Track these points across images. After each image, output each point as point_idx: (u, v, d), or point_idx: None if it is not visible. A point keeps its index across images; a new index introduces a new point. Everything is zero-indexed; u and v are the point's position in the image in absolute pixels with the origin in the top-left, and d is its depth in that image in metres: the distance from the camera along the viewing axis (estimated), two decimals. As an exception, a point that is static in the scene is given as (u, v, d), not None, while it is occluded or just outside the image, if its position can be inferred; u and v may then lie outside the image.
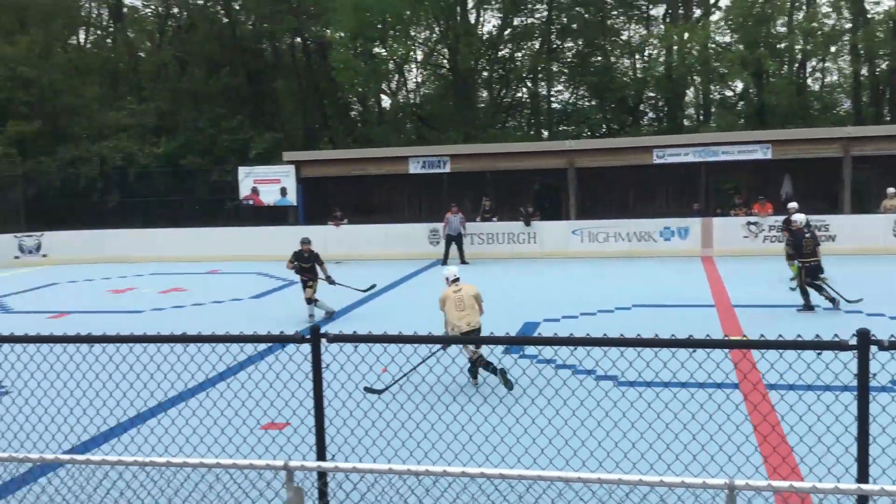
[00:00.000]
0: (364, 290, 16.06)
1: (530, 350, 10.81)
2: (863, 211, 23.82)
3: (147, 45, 44.63)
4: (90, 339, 5.17)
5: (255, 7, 39.29)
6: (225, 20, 38.96)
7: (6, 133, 33.89)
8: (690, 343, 4.63)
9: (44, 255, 26.89)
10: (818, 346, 4.54)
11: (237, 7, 39.92)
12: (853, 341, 4.44)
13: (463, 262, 22.43)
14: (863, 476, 4.62)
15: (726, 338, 10.71)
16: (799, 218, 14.99)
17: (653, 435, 6.05)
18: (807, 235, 14.22)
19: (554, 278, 19.34)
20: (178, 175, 32.91)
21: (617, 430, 6.23)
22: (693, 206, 26.13)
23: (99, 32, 47.38)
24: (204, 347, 5.49)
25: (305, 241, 15.00)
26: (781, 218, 22.46)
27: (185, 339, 5.19)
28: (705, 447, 5.69)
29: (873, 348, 4.42)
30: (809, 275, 13.87)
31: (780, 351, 4.98)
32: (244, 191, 27.50)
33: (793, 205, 17.59)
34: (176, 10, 43.10)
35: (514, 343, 4.77)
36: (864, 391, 4.55)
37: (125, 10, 44.69)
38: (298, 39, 40.30)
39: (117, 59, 43.28)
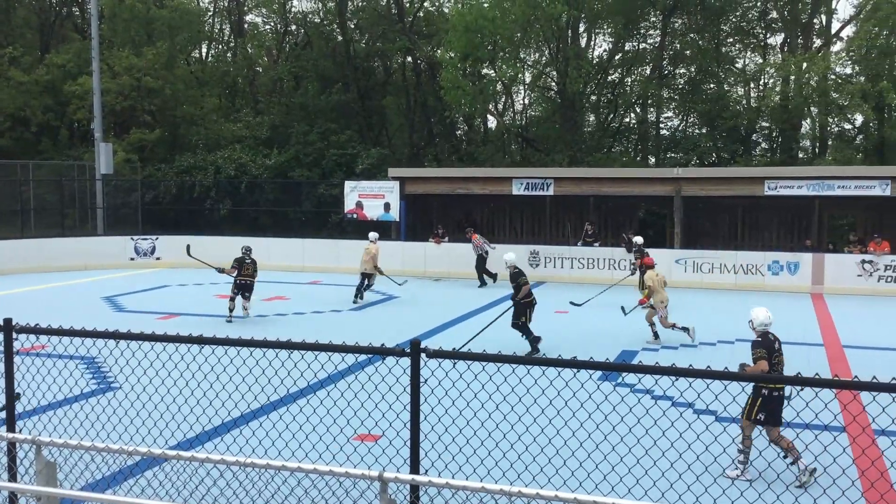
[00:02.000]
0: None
1: (629, 378, 10.63)
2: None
3: (264, 61, 46.34)
4: (198, 341, 5.38)
5: (369, 26, 40.33)
6: (340, 38, 40.07)
7: (129, 139, 35.74)
8: (796, 381, 4.46)
9: (157, 258, 28.11)
10: None
11: (352, 26, 41.03)
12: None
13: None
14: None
15: (836, 377, 10.26)
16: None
17: (754, 472, 5.85)
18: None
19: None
20: (286, 187, 33.95)
21: (699, 464, 6.05)
22: (805, 242, 25.23)
23: (220, 47, 49.56)
24: (307, 355, 5.64)
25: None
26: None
27: (287, 345, 5.33)
28: (789, 487, 5.47)
29: None
30: None
31: (894, 394, 4.74)
32: (349, 204, 28.09)
33: (638, 239, 21.33)
34: (294, 27, 44.64)
35: (608, 369, 4.75)
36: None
37: (246, 26, 46.61)
38: (409, 59, 41.04)
39: (236, 73, 45.15)
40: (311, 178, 34.31)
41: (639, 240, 21.16)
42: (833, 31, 35.91)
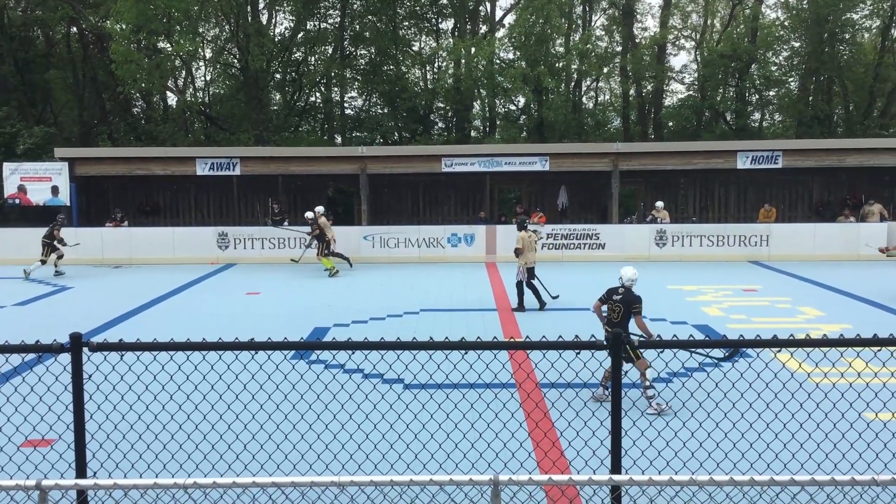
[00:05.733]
0: None
1: (323, 356, 10.78)
2: (627, 221, 25.79)
3: None
4: None
5: (25, -9, 36.39)
6: (-10, 4, 35.71)
7: None
8: (461, 345, 4.79)
9: None
10: (576, 346, 4.85)
11: (5, -10, 36.75)
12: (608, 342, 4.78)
13: None
14: (615, 467, 4.98)
15: (494, 339, 11.19)
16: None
17: (426, 435, 6.21)
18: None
19: (345, 283, 19.36)
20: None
21: (392, 432, 6.34)
22: (479, 214, 27.19)
23: None
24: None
25: None
26: (559, 227, 23.96)
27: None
28: (475, 445, 5.93)
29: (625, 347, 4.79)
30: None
31: (544, 351, 5.28)
32: (10, 189, 25.35)
33: (318, 208, 22.00)
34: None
35: (301, 348, 4.78)
36: (616, 387, 4.91)
37: None
38: (74, 29, 37.69)
39: None
40: (-40, 159, 30.42)
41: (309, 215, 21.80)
42: (497, 19, 38.86)
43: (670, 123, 39.99)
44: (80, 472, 4.75)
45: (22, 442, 7.09)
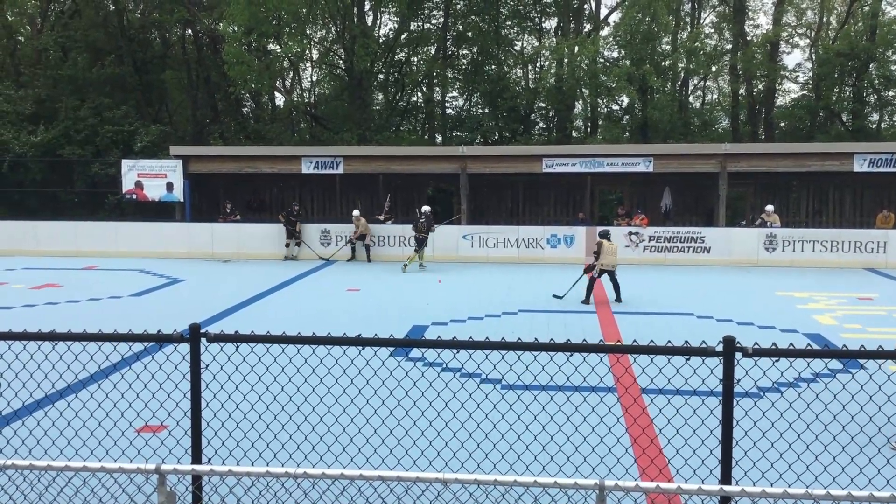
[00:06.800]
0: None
1: (416, 353, 10.88)
2: (736, 225, 25.03)
3: (27, 30, 42.48)
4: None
5: (144, -5, 38.10)
6: (112, 7, 37.51)
7: None
8: (566, 347, 4.74)
9: None
10: (686, 351, 4.73)
11: (125, -6, 38.58)
12: (719, 348, 4.64)
13: None
14: (726, 477, 4.83)
15: (601, 342, 11.01)
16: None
17: (529, 437, 6.18)
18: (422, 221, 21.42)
19: (444, 282, 19.48)
20: (56, 165, 31.49)
21: (496, 432, 6.33)
22: (578, 215, 26.89)
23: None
24: (74, 346, 5.26)
25: None
26: (662, 229, 23.46)
27: (54, 336, 4.95)
28: (579, 449, 5.86)
29: (737, 355, 4.64)
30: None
31: (652, 356, 5.18)
32: (127, 184, 26.55)
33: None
34: (59, -6, 41.23)
35: (400, 345, 4.83)
36: (728, 396, 4.76)
37: (4, -9, 42.43)
38: (189, 31, 39.21)
39: (-6, 42, 41.04)
40: (83, 156, 32.07)
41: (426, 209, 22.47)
42: (601, 17, 38.34)
43: (782, 124, 38.58)
44: (196, 457, 4.92)
45: (141, 426, 7.41)
